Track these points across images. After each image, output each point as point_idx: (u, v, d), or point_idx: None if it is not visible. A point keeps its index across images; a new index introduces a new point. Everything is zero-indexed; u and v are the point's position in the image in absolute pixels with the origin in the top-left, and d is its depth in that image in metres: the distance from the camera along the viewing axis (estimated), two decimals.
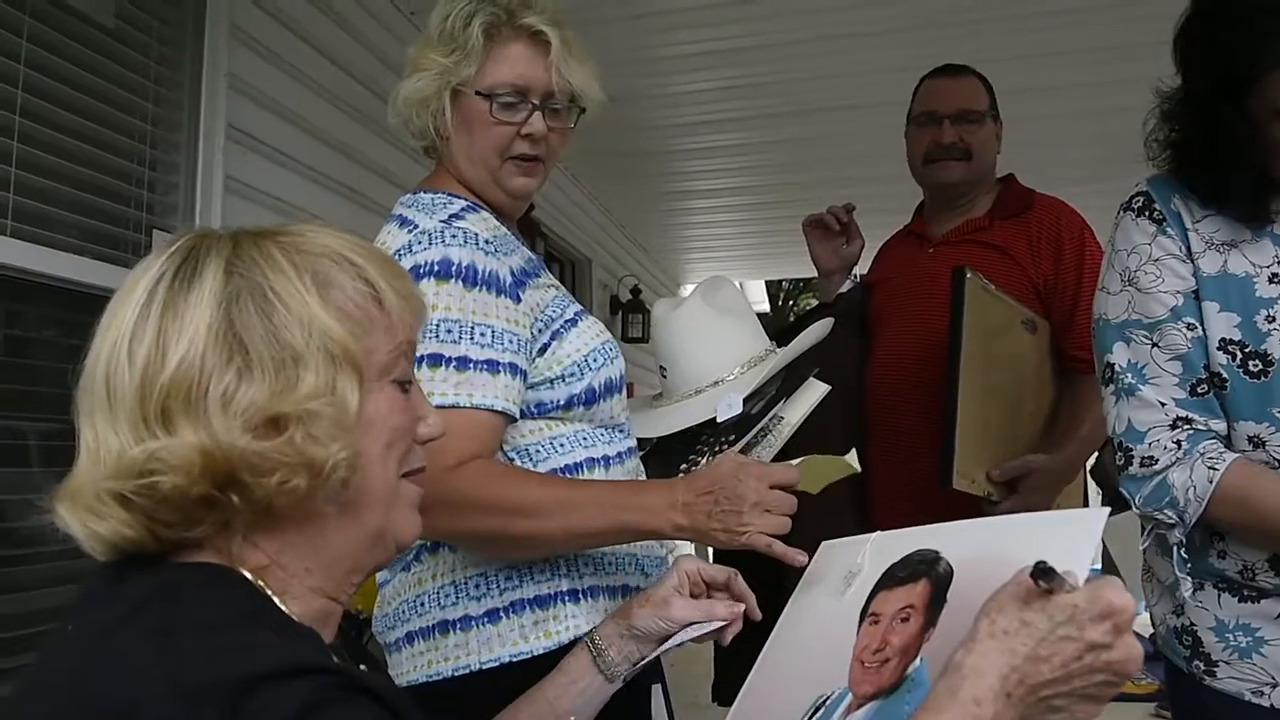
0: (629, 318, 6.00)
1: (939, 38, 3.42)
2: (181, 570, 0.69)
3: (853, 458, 1.43)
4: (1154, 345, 1.27)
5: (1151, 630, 1.40)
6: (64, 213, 1.98)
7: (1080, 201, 2.21)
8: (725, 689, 2.10)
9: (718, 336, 1.65)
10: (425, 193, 1.36)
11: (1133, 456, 1.27)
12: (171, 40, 2.26)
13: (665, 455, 1.60)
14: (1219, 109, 1.21)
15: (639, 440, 1.52)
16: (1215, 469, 1.20)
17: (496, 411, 1.21)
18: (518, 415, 1.25)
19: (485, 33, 1.29)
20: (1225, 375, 1.23)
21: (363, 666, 0.80)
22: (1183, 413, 1.25)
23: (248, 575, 0.70)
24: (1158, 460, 1.25)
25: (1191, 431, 1.24)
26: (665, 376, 1.69)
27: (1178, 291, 1.27)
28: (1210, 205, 1.28)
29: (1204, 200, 1.28)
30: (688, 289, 8.22)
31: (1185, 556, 1.26)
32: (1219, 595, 1.27)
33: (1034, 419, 2.05)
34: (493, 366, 1.21)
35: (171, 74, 2.26)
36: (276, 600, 0.71)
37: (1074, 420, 2.00)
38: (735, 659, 2.07)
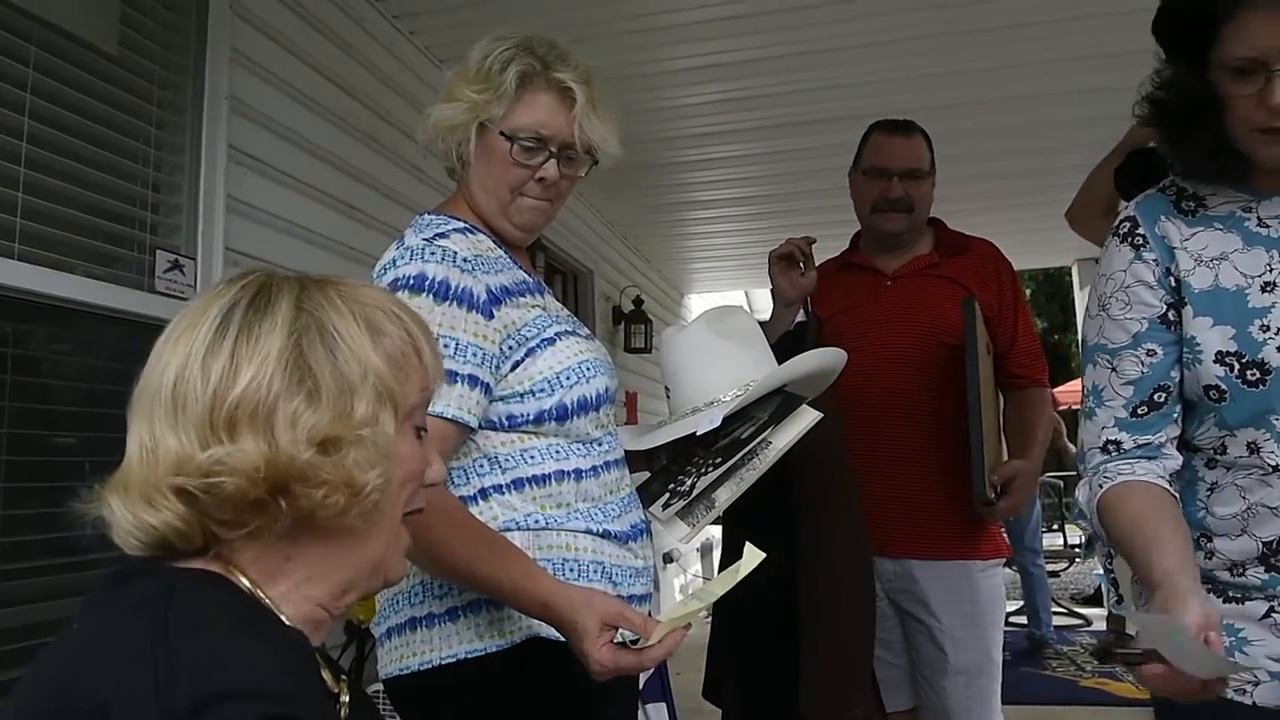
0: (631, 328, 6.01)
1: (935, 49, 3.46)
2: (180, 575, 0.75)
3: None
4: (1112, 370, 1.34)
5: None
6: (70, 235, 2.01)
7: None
8: (716, 686, 2.13)
9: (716, 360, 1.66)
10: (430, 214, 1.44)
11: (1081, 474, 1.38)
12: (173, 65, 2.30)
13: (665, 476, 1.63)
14: (1179, 66, 1.24)
15: (631, 456, 1.55)
16: (1101, 488, 1.29)
17: (446, 419, 1.26)
18: (474, 425, 1.30)
19: (519, 79, 1.38)
20: (1224, 387, 1.25)
21: (343, 677, 0.84)
22: (1114, 435, 1.32)
23: (243, 581, 0.76)
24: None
25: (1115, 452, 1.32)
26: (669, 398, 1.72)
27: (1143, 318, 1.30)
28: (1187, 176, 1.31)
29: (1182, 172, 1.31)
30: (690, 299, 8.24)
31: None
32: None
33: (998, 428, 2.31)
34: (450, 376, 1.27)
35: (174, 98, 2.30)
36: (269, 604, 0.76)
37: (1031, 428, 2.31)
38: (724, 656, 2.10)
